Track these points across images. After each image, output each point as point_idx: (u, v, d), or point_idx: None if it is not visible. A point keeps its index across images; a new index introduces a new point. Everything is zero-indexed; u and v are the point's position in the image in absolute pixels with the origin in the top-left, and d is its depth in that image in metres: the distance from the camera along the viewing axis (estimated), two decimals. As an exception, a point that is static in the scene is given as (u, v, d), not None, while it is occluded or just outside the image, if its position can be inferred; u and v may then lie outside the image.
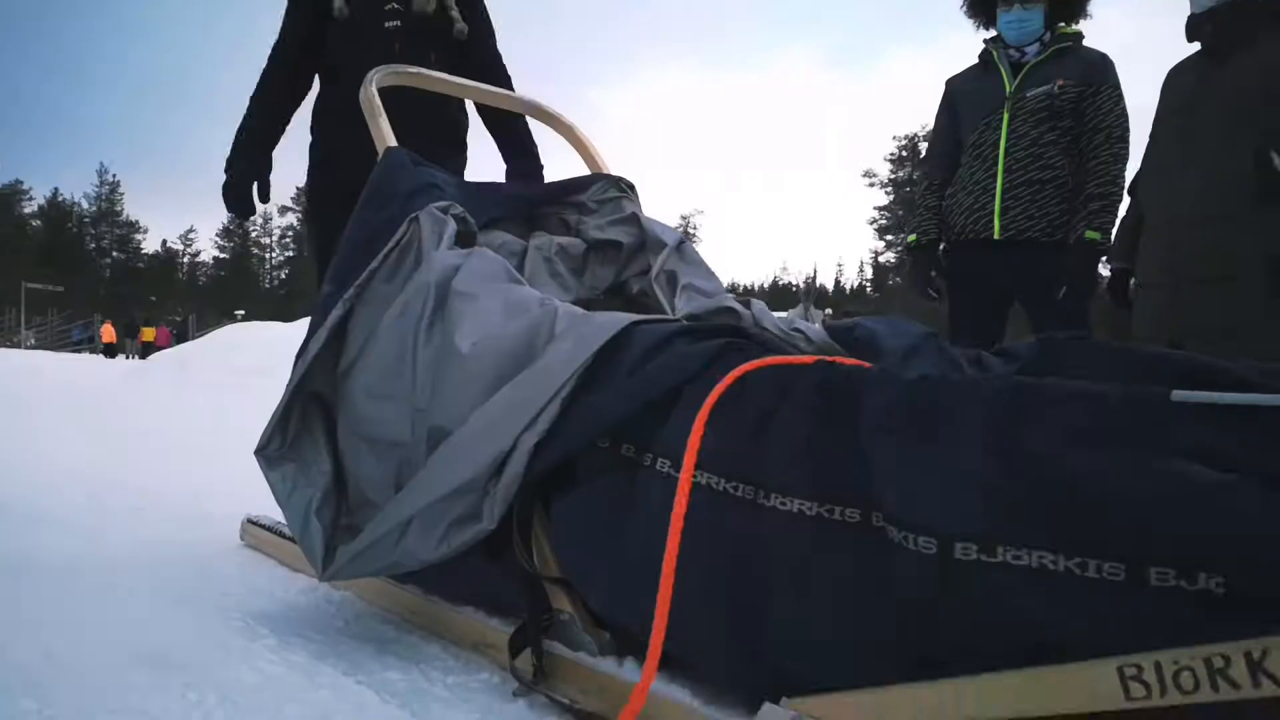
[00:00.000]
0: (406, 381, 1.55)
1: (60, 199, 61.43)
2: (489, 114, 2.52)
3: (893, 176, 47.55)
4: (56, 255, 55.88)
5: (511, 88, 2.52)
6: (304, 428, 1.68)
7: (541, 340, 1.40)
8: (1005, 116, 2.89)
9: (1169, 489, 0.78)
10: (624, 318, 1.32)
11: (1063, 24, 2.92)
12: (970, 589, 0.86)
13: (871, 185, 48.71)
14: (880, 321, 1.55)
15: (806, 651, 1.01)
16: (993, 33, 3.02)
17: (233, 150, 2.37)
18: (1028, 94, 2.86)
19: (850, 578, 0.97)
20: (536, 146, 2.56)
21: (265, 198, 2.33)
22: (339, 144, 2.39)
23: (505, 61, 2.59)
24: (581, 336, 1.31)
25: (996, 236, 2.88)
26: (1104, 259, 2.83)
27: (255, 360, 11.52)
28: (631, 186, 2.16)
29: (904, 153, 47.03)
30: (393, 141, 1.88)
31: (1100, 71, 2.81)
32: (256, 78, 2.43)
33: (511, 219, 2.04)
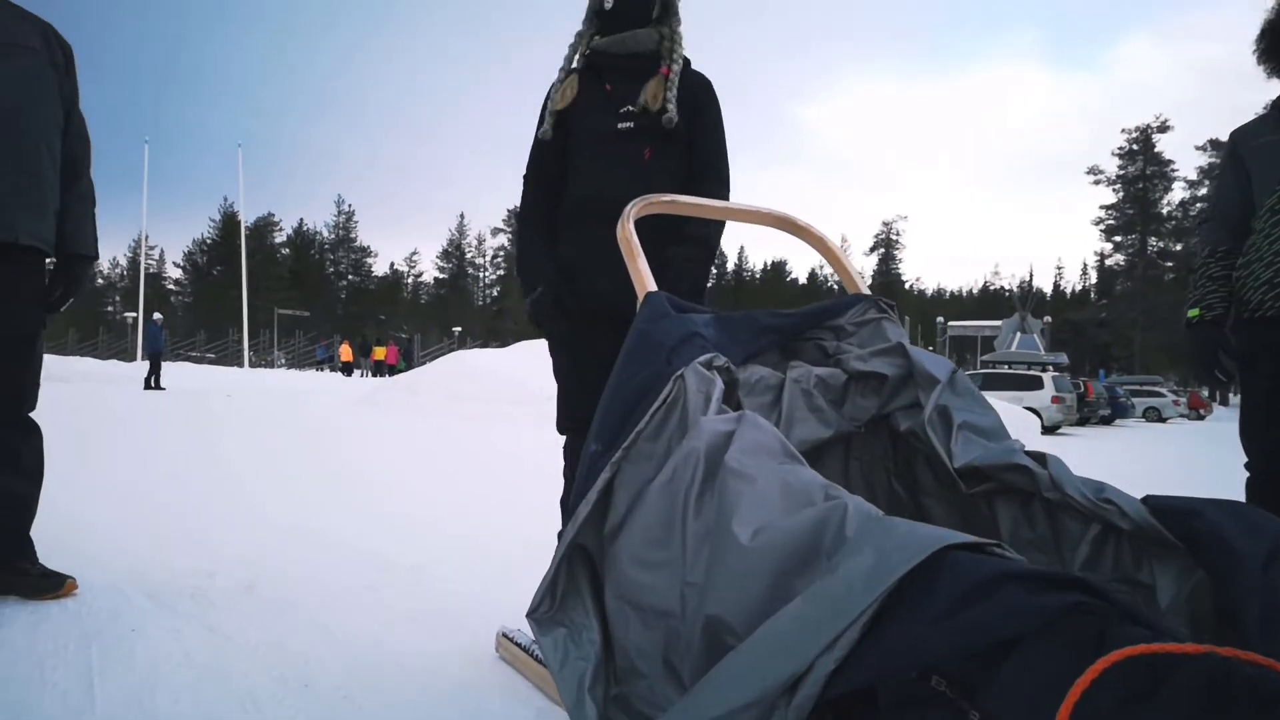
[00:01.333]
0: (675, 552, 1.50)
1: (304, 228, 68.14)
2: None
3: (1121, 173, 43.62)
4: (302, 280, 61.92)
5: (727, 188, 2.38)
6: (571, 587, 1.67)
7: (828, 538, 1.30)
8: None
9: None
10: (932, 537, 1.18)
11: None
12: None
13: (1097, 183, 44.86)
14: (1225, 510, 1.32)
15: None
16: None
17: (521, 277, 2.37)
18: None
19: None
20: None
21: (569, 305, 2.30)
22: (565, 256, 2.34)
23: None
24: (883, 553, 1.19)
25: None
26: None
27: (473, 388, 12.25)
28: (892, 306, 2.02)
29: (1134, 146, 43.06)
30: (653, 286, 1.84)
31: None
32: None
33: (767, 350, 1.96)
